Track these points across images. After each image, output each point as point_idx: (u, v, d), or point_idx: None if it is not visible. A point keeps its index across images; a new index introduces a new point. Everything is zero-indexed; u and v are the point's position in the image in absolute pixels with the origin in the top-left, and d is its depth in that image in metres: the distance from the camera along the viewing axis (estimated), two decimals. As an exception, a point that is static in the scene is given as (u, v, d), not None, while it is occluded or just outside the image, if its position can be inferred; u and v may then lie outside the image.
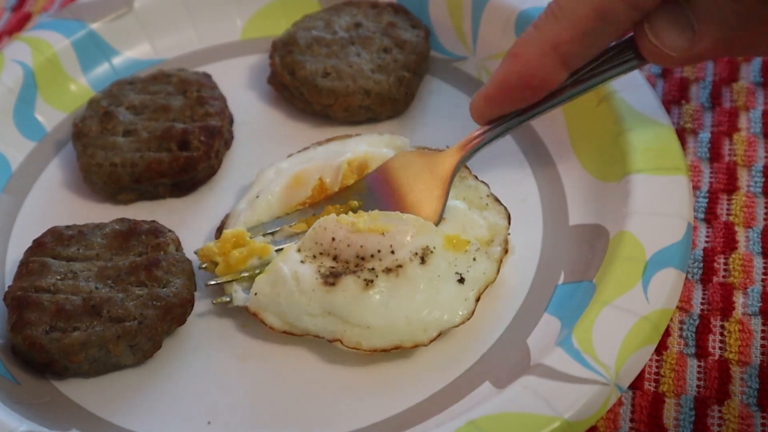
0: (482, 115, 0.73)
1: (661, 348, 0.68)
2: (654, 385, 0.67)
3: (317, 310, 0.68)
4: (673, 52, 0.67)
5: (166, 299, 0.70)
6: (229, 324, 0.72)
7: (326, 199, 0.75)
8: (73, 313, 0.69)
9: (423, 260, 0.69)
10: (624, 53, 0.71)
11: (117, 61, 0.92)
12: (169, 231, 0.75)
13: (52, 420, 0.67)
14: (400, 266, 0.68)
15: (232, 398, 0.68)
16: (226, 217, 0.77)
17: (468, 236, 0.71)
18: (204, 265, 0.73)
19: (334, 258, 0.70)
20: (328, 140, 0.80)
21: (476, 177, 0.75)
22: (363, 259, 0.69)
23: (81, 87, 0.90)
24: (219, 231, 0.76)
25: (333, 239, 0.70)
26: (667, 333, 0.69)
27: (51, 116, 0.88)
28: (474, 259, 0.70)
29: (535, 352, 0.67)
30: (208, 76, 0.86)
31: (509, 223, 0.72)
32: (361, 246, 0.69)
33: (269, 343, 0.71)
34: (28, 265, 0.72)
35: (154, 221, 0.76)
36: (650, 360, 0.68)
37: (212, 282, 0.72)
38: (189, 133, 0.80)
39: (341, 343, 0.68)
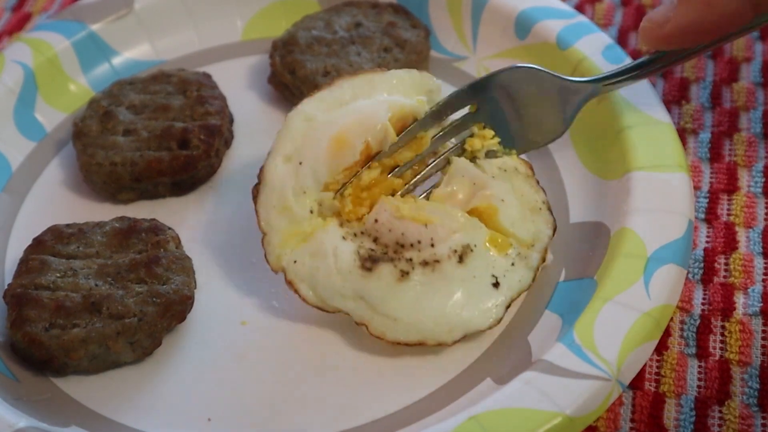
0: (656, 44, 0.72)
1: (662, 348, 0.68)
2: (654, 385, 0.67)
3: (350, 293, 0.68)
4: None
5: (166, 296, 0.69)
6: (229, 321, 0.72)
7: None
8: (73, 310, 0.69)
9: (461, 259, 0.68)
10: None
11: (117, 61, 0.92)
12: (169, 229, 0.75)
13: (52, 417, 0.67)
14: (437, 261, 0.68)
15: (233, 395, 0.68)
16: (261, 170, 0.72)
17: (513, 229, 0.70)
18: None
19: (375, 240, 0.69)
20: (353, 75, 0.74)
21: (538, 182, 0.74)
22: (402, 246, 0.68)
23: (81, 87, 0.90)
24: (256, 188, 0.72)
25: (376, 221, 0.69)
26: (667, 333, 0.69)
27: (51, 116, 0.88)
28: (512, 264, 0.69)
29: (537, 350, 0.67)
30: (208, 76, 0.86)
31: (553, 234, 0.72)
32: (402, 233, 0.68)
33: (269, 340, 0.71)
34: (28, 263, 0.72)
35: (154, 219, 0.76)
36: (651, 360, 0.68)
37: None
38: (189, 132, 0.80)
39: (367, 329, 0.68)
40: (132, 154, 0.79)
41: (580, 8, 0.95)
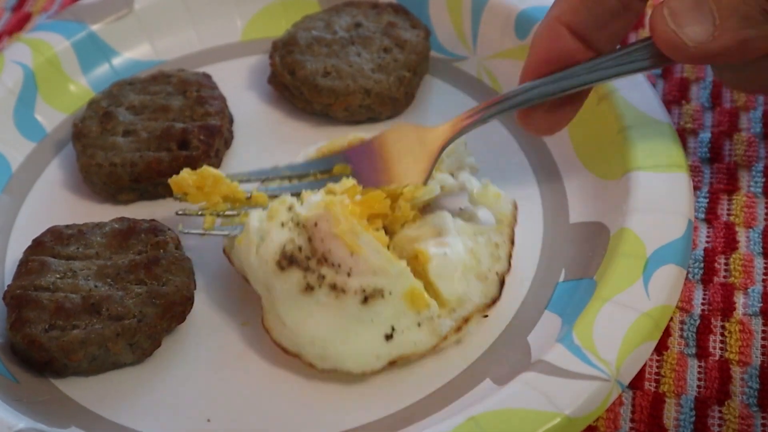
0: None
1: (662, 348, 0.68)
2: (654, 385, 0.67)
3: (261, 279, 0.69)
4: (690, 42, 0.62)
5: (166, 297, 0.69)
6: (229, 322, 0.72)
7: (318, 162, 0.76)
8: (73, 311, 0.69)
9: (366, 300, 0.66)
10: (639, 52, 0.68)
11: (117, 62, 0.92)
12: (169, 229, 0.75)
13: (51, 418, 0.67)
14: (344, 291, 0.67)
15: (232, 396, 0.68)
16: None
17: (438, 284, 0.68)
18: (179, 196, 0.74)
19: (309, 239, 0.68)
20: None
21: (510, 255, 0.72)
22: (325, 261, 0.67)
23: (81, 88, 0.90)
24: None
25: (316, 224, 0.68)
26: (667, 333, 0.69)
27: (51, 117, 0.88)
28: (418, 325, 0.67)
29: (536, 350, 0.67)
30: (207, 77, 0.86)
31: (487, 309, 0.69)
32: (330, 250, 0.67)
33: (269, 341, 0.70)
34: (28, 264, 0.72)
35: (153, 220, 0.76)
36: (651, 360, 0.68)
37: (181, 212, 0.74)
38: (188, 133, 0.80)
39: (262, 318, 0.69)
40: (132, 155, 0.79)
41: (579, 8, 0.94)
